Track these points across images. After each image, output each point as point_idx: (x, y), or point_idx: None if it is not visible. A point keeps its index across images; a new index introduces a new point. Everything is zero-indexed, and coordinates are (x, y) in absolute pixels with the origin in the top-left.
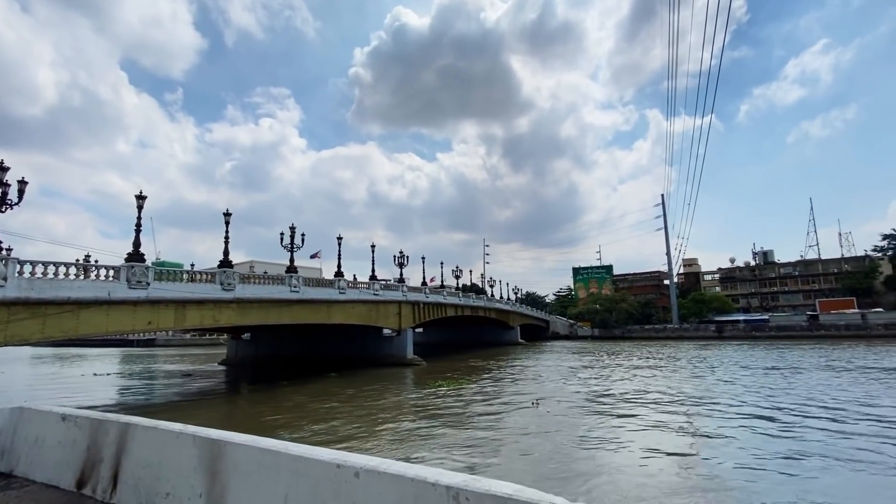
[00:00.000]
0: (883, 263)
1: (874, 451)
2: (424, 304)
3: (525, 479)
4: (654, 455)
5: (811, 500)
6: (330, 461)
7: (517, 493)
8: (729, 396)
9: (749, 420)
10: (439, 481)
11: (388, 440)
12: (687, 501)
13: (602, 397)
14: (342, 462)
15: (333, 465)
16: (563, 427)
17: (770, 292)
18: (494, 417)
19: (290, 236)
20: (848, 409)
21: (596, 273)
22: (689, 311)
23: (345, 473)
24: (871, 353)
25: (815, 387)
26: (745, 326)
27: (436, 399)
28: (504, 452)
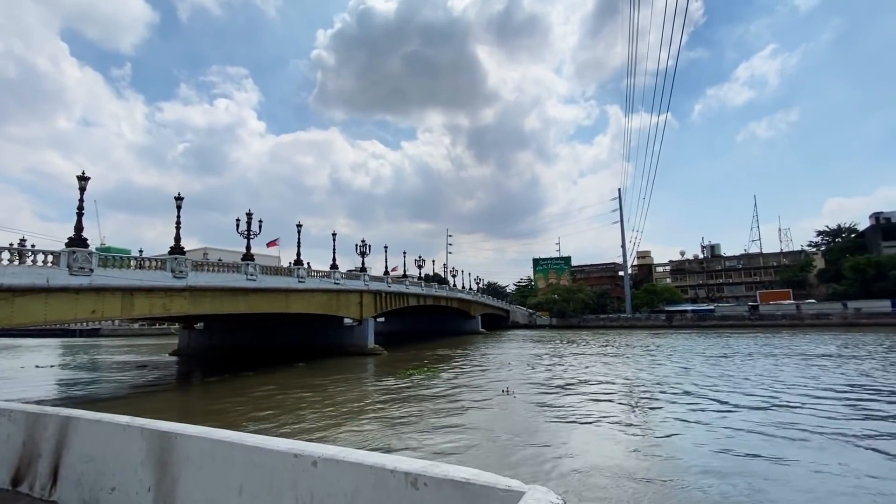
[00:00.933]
0: (816, 258)
1: (822, 427)
2: (386, 293)
3: (492, 461)
4: (613, 438)
5: (761, 475)
6: (287, 451)
7: (474, 477)
8: (683, 381)
9: (700, 402)
10: (398, 468)
11: (356, 429)
12: (642, 483)
13: (566, 384)
14: (299, 452)
15: (290, 454)
16: (531, 412)
17: (716, 284)
18: (463, 404)
19: (247, 223)
20: (792, 390)
21: (555, 264)
22: (642, 302)
23: (302, 463)
24: (804, 340)
25: (762, 371)
26: (693, 316)
27: (403, 387)
28: (473, 437)
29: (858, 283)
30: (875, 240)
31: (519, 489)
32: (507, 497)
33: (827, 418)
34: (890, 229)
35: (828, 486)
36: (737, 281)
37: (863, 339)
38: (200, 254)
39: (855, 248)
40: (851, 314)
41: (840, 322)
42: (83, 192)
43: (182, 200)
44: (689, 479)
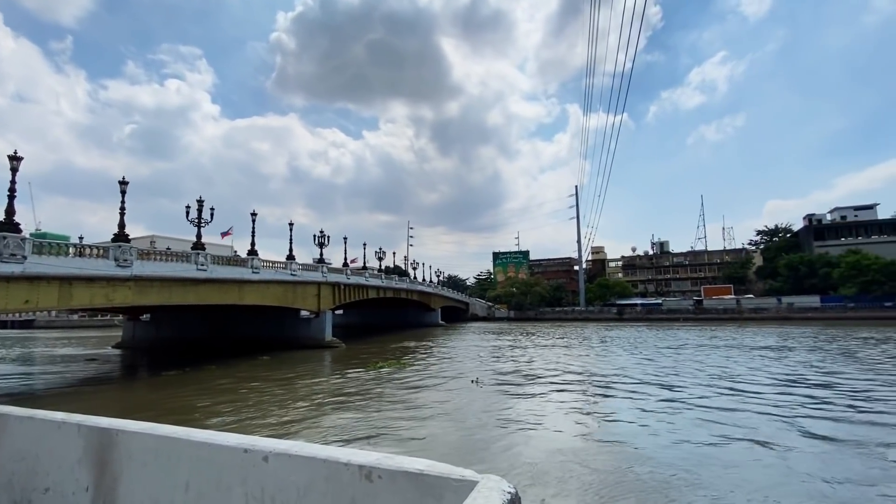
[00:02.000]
0: (755, 256)
1: (765, 414)
2: (345, 285)
3: (451, 451)
4: (569, 426)
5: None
6: (236, 446)
7: (428, 468)
8: (635, 372)
9: (650, 391)
10: (352, 461)
11: (314, 424)
12: (593, 470)
13: (529, 374)
14: (250, 447)
15: (240, 450)
16: (494, 402)
17: (664, 279)
18: (428, 396)
19: (198, 210)
20: (736, 380)
21: (514, 258)
22: (595, 295)
23: (253, 458)
24: (743, 333)
25: (708, 361)
26: (642, 309)
27: (366, 379)
28: (438, 428)
29: (792, 279)
30: (807, 240)
31: (472, 479)
32: (460, 487)
33: (770, 405)
34: (820, 230)
35: (767, 473)
36: (683, 277)
37: (794, 332)
38: (147, 242)
39: (789, 247)
40: (785, 309)
41: (775, 316)
42: (15, 172)
43: (127, 185)
44: (637, 466)
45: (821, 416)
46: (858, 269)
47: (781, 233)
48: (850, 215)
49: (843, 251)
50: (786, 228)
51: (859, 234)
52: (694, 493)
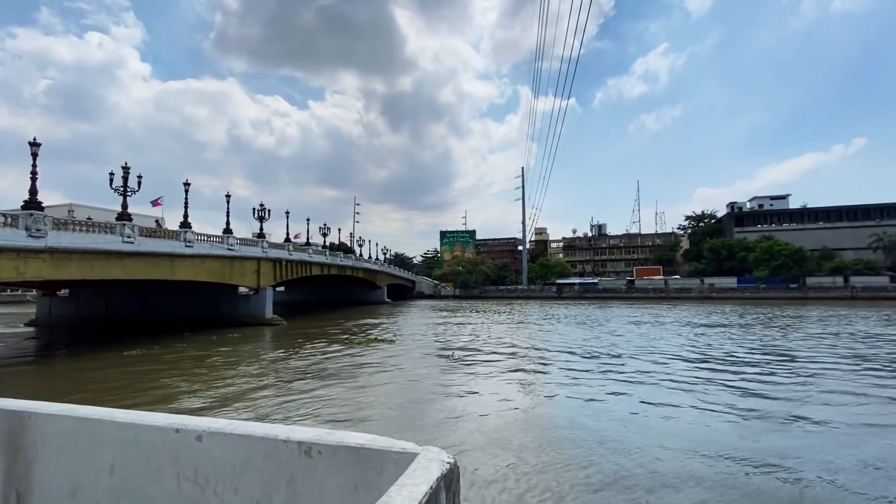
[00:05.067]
0: (683, 239)
1: (684, 381)
2: (287, 261)
3: (394, 424)
4: (508, 396)
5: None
6: (167, 426)
7: (369, 442)
8: (573, 345)
9: (585, 363)
10: (291, 437)
11: (249, 403)
12: (532, 438)
13: (478, 349)
14: (182, 426)
15: (171, 430)
16: (440, 376)
17: (601, 260)
18: (375, 372)
19: (124, 177)
20: (661, 353)
21: (461, 237)
22: (537, 275)
23: (185, 438)
24: (672, 311)
25: (637, 335)
26: (580, 288)
27: (303, 356)
28: (383, 403)
29: (714, 262)
30: (729, 225)
31: (413, 451)
32: (400, 459)
33: (689, 374)
34: (741, 217)
35: (677, 430)
36: (618, 258)
37: (715, 310)
38: (65, 210)
39: (714, 232)
40: (707, 289)
41: (698, 295)
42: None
43: (39, 146)
44: (569, 433)
45: (723, 382)
46: (771, 253)
47: (707, 219)
48: (767, 204)
49: (758, 237)
50: (711, 215)
51: (773, 222)
52: (603, 448)
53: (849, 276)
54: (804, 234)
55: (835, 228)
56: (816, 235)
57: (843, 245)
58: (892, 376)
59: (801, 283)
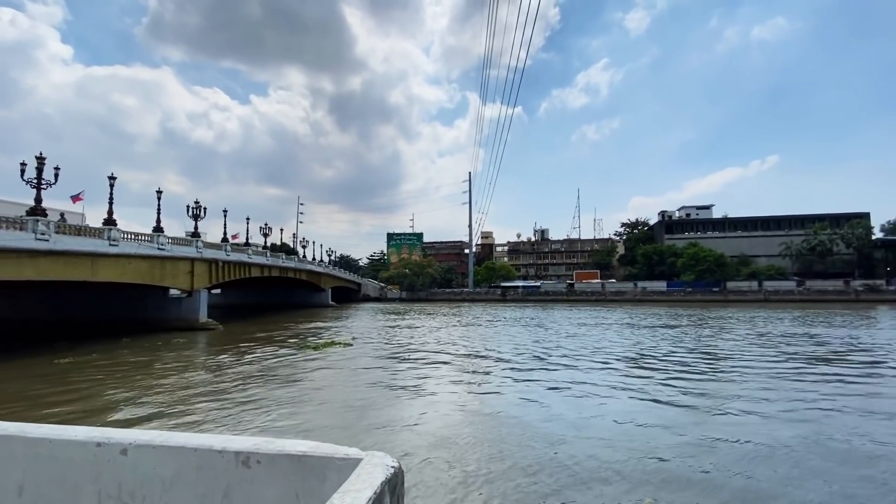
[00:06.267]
0: (619, 245)
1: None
2: (224, 262)
3: (347, 430)
4: (451, 397)
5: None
6: (86, 440)
7: (311, 449)
8: (517, 346)
9: (526, 363)
10: (227, 447)
11: (185, 414)
12: (477, 429)
13: (420, 351)
14: (104, 440)
15: (92, 444)
16: (381, 380)
17: (544, 263)
18: (316, 376)
19: (38, 168)
20: (594, 353)
21: (408, 240)
22: (483, 278)
23: (108, 452)
24: (611, 312)
25: (576, 336)
26: (523, 291)
27: (235, 363)
28: (323, 409)
29: (646, 267)
30: (660, 233)
31: (357, 456)
32: (344, 465)
33: (630, 372)
34: (670, 225)
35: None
36: (560, 262)
37: (650, 312)
38: None
39: (646, 238)
40: (640, 292)
41: (632, 298)
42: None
43: None
44: (514, 430)
45: (661, 380)
46: (696, 259)
47: (641, 226)
48: (693, 214)
49: (686, 244)
50: (644, 222)
51: (699, 230)
52: (536, 443)
53: (762, 281)
54: (725, 241)
55: (751, 237)
56: (735, 243)
57: (758, 252)
58: (809, 370)
59: (723, 287)
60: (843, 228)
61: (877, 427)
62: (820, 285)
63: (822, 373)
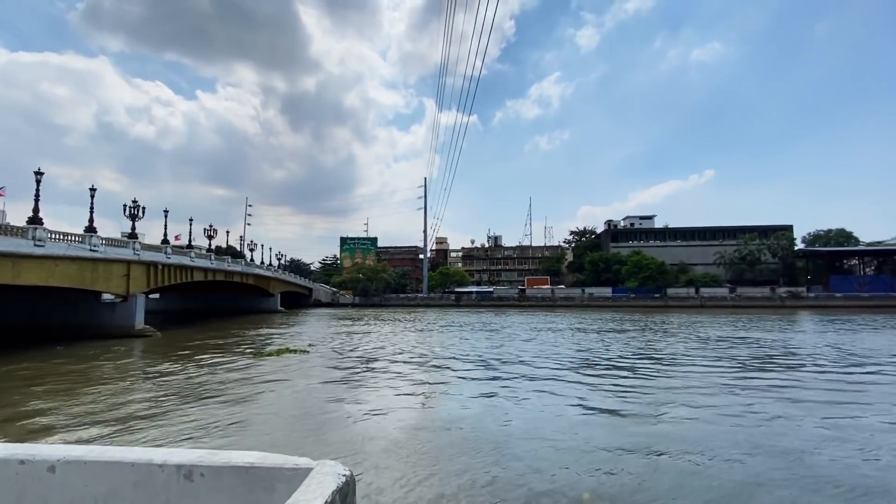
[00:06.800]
0: (568, 252)
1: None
2: (164, 265)
3: (297, 439)
4: (420, 404)
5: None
6: (8, 457)
7: (259, 460)
8: (467, 350)
9: (478, 367)
10: (168, 461)
11: (125, 428)
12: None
13: (374, 357)
14: (28, 457)
15: (14, 461)
16: (336, 386)
17: (497, 269)
18: (270, 383)
19: None
20: (537, 356)
21: (362, 244)
22: (437, 283)
23: (33, 470)
24: (561, 317)
25: (536, 340)
26: (477, 297)
27: (172, 373)
28: (274, 419)
29: (593, 273)
30: (606, 241)
31: (307, 466)
32: (293, 476)
33: (581, 375)
34: (616, 234)
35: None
36: (512, 268)
37: (598, 317)
38: None
39: (594, 246)
40: (587, 297)
41: (580, 304)
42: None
43: None
44: (467, 434)
45: (612, 382)
46: (639, 266)
47: (588, 234)
48: (637, 223)
49: (630, 252)
50: (591, 231)
51: (642, 239)
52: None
53: (699, 288)
54: (666, 250)
55: (689, 246)
56: (675, 252)
57: (695, 260)
58: (743, 372)
59: (663, 293)
60: (770, 239)
61: (799, 419)
62: (749, 292)
63: (754, 374)
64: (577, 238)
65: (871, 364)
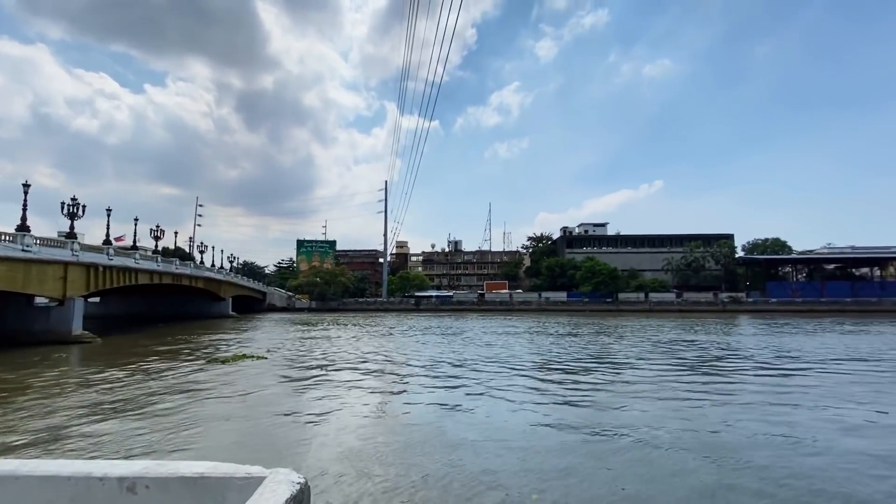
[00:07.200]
0: (526, 257)
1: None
2: (106, 267)
3: (255, 448)
4: (379, 409)
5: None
6: None
7: (209, 470)
8: (426, 354)
9: (435, 369)
10: (109, 474)
11: (63, 442)
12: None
13: (333, 362)
14: None
15: None
16: (293, 392)
17: (457, 274)
18: (218, 392)
19: None
20: (495, 358)
21: (320, 247)
22: (397, 287)
23: None
24: (519, 321)
25: (496, 344)
26: (436, 301)
27: (112, 382)
28: (230, 428)
29: (550, 278)
30: (562, 247)
31: (259, 474)
32: (245, 485)
33: (539, 377)
34: (571, 240)
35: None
36: (472, 272)
37: (554, 321)
38: None
39: (550, 252)
40: (543, 302)
41: (537, 308)
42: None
43: None
44: (425, 438)
45: (572, 382)
46: (593, 272)
47: (545, 240)
48: (591, 230)
49: (584, 258)
50: (548, 237)
51: (595, 245)
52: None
53: (648, 293)
54: (618, 256)
55: (639, 253)
56: (626, 258)
57: (645, 267)
58: (690, 372)
59: (615, 298)
60: (713, 247)
61: (737, 416)
62: (694, 297)
63: (700, 374)
64: (534, 244)
65: (804, 364)
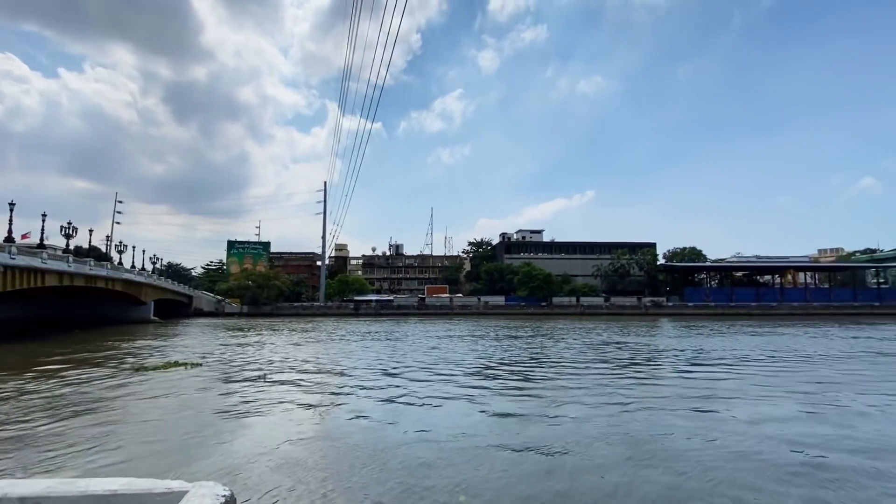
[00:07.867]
0: (466, 262)
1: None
2: (8, 268)
3: (177, 461)
4: (313, 417)
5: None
6: None
7: (123, 486)
8: (363, 360)
9: (372, 376)
10: (8, 493)
11: None
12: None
13: (265, 371)
14: None
15: None
16: (221, 400)
17: (398, 278)
18: (142, 402)
19: None
20: (437, 362)
21: (253, 249)
22: (335, 291)
23: None
24: (459, 325)
25: (435, 348)
26: (376, 305)
27: (11, 391)
28: (146, 442)
29: (489, 282)
30: (501, 252)
31: (181, 489)
32: (164, 501)
33: (477, 380)
34: (509, 246)
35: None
36: (413, 276)
37: (493, 324)
38: None
39: (490, 257)
40: (483, 306)
41: (476, 311)
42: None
43: None
44: (362, 444)
45: (514, 385)
46: (529, 277)
47: (485, 245)
48: (528, 236)
49: (521, 263)
50: (488, 242)
51: (532, 251)
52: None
53: (580, 297)
54: (552, 262)
55: (572, 259)
56: (560, 264)
57: (577, 272)
58: (619, 372)
59: (549, 302)
60: (638, 255)
61: (661, 415)
62: (621, 301)
63: (630, 373)
64: (474, 249)
65: (721, 362)
